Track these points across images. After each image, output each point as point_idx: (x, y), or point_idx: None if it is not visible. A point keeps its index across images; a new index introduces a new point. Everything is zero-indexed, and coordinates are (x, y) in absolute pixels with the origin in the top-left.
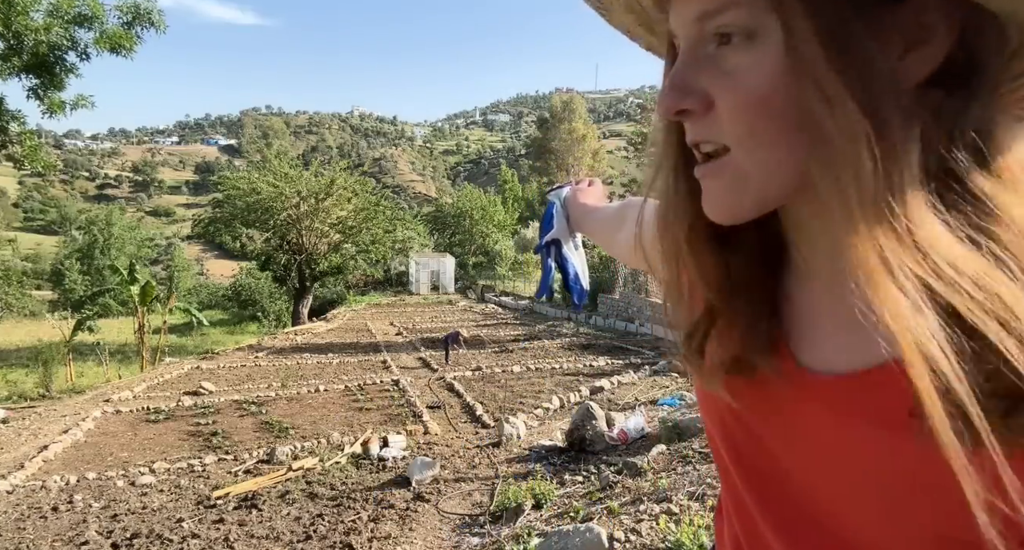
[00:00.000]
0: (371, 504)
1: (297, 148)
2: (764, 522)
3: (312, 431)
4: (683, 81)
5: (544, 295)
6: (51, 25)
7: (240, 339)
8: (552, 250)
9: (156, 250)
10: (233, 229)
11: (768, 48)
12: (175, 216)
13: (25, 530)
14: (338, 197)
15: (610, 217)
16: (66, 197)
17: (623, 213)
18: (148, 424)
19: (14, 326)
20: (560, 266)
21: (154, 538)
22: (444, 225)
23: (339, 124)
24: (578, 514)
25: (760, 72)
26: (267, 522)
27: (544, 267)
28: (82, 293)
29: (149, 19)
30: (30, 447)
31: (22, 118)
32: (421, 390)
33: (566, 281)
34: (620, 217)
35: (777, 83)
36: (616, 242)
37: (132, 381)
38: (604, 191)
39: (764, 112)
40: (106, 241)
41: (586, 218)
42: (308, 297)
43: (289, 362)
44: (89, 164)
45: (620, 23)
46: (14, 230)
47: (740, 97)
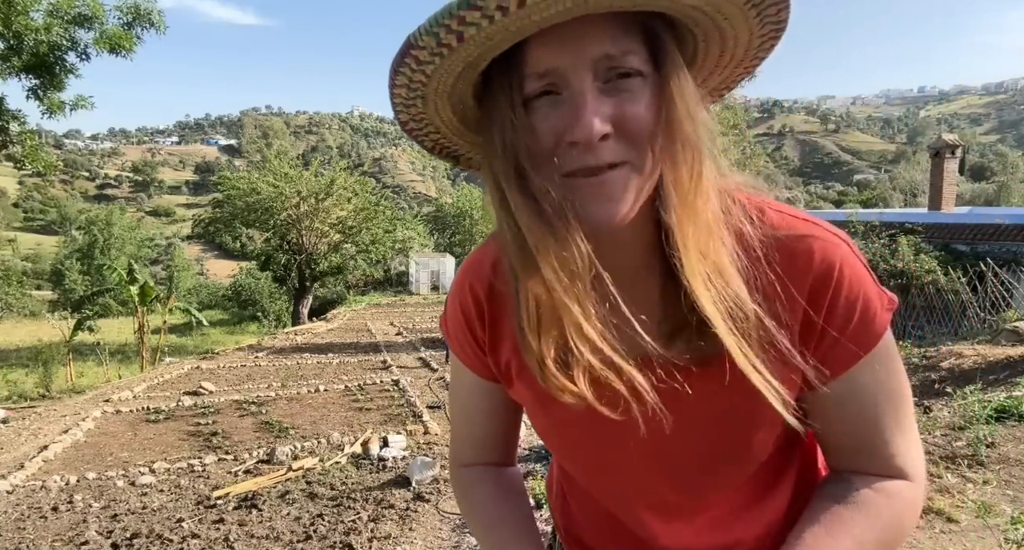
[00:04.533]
0: (371, 504)
1: (297, 148)
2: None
3: (312, 431)
4: (599, 111)
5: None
6: (51, 25)
7: (240, 339)
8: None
9: (156, 250)
10: (233, 229)
11: (651, 84)
12: (175, 216)
13: (25, 530)
14: (338, 197)
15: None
16: (66, 197)
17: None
18: (148, 424)
19: (14, 326)
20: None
21: (154, 538)
22: (444, 225)
23: (339, 124)
24: None
25: (650, 99)
26: (267, 522)
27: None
28: (82, 293)
29: (149, 19)
30: (30, 447)
31: (22, 118)
32: (421, 390)
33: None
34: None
35: (657, 108)
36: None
37: (132, 381)
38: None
39: (653, 129)
40: (106, 241)
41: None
42: (308, 297)
43: (289, 362)
44: (89, 164)
45: (429, 82)
46: (14, 230)
47: (644, 120)
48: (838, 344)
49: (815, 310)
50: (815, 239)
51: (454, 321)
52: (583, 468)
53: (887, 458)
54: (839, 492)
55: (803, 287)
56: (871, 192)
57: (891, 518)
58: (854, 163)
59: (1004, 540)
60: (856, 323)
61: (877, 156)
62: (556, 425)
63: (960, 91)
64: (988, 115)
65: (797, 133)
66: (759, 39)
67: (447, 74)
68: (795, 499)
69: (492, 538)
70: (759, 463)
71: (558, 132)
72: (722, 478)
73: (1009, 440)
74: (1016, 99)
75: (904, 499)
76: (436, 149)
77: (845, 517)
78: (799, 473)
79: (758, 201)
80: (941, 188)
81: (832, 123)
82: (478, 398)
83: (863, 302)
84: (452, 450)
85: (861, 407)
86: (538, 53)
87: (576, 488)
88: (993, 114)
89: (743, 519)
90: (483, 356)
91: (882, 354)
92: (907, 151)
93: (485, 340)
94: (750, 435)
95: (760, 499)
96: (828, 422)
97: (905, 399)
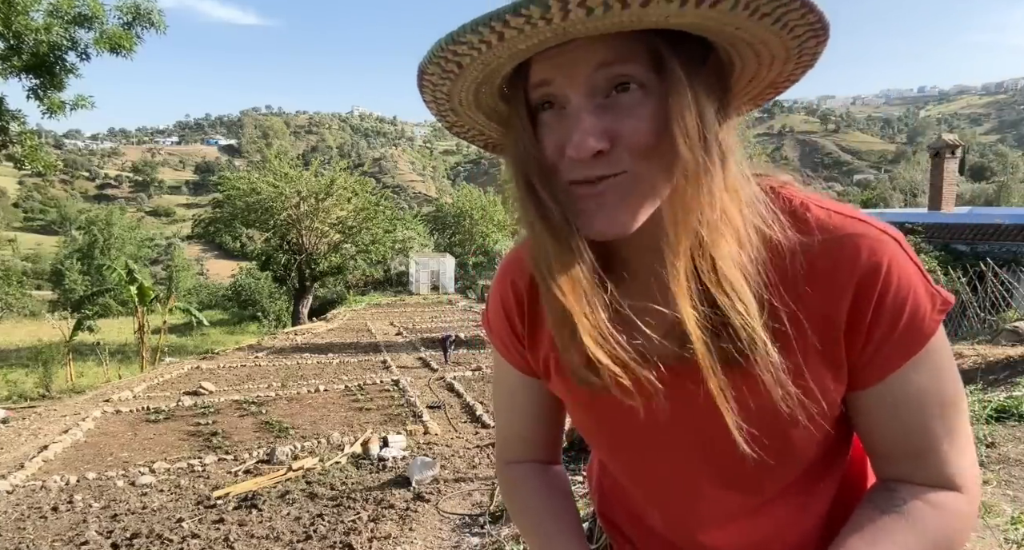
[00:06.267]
0: (371, 504)
1: (297, 148)
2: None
3: (312, 431)
4: (595, 128)
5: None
6: (51, 25)
7: (240, 339)
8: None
9: (156, 250)
10: (233, 229)
11: (653, 97)
12: (175, 216)
13: (25, 530)
14: (338, 197)
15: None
16: (66, 197)
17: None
18: (148, 424)
19: (14, 326)
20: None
21: (154, 538)
22: (444, 225)
23: (339, 124)
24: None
25: (651, 113)
26: (267, 522)
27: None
28: (82, 293)
29: (149, 19)
30: (30, 447)
31: (22, 118)
32: (421, 390)
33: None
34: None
35: (661, 120)
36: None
37: (132, 381)
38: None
39: (656, 142)
40: (106, 241)
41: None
42: (308, 297)
43: (289, 362)
44: (89, 164)
45: (452, 95)
46: (14, 230)
47: (643, 133)
48: (884, 345)
49: (861, 310)
50: (862, 237)
51: (496, 316)
52: (620, 462)
53: (936, 467)
54: (884, 501)
55: (848, 286)
56: (871, 192)
57: (938, 531)
58: (854, 163)
59: (1004, 540)
60: (904, 325)
61: (877, 156)
62: (594, 421)
63: (960, 91)
64: (988, 115)
65: (797, 133)
66: (793, 41)
67: (465, 91)
68: (836, 506)
69: (539, 534)
70: (801, 466)
71: (560, 144)
72: (760, 479)
73: (1009, 440)
74: (1016, 99)
75: (953, 511)
76: (489, 147)
77: (888, 526)
78: (845, 482)
79: (803, 199)
80: (941, 188)
81: (832, 123)
82: (521, 395)
83: (912, 303)
84: (498, 447)
85: (908, 412)
86: (537, 69)
87: (613, 478)
88: (993, 114)
89: (781, 522)
90: (523, 351)
91: (932, 357)
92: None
93: (524, 335)
94: (786, 434)
95: (801, 505)
96: (874, 426)
97: (957, 406)
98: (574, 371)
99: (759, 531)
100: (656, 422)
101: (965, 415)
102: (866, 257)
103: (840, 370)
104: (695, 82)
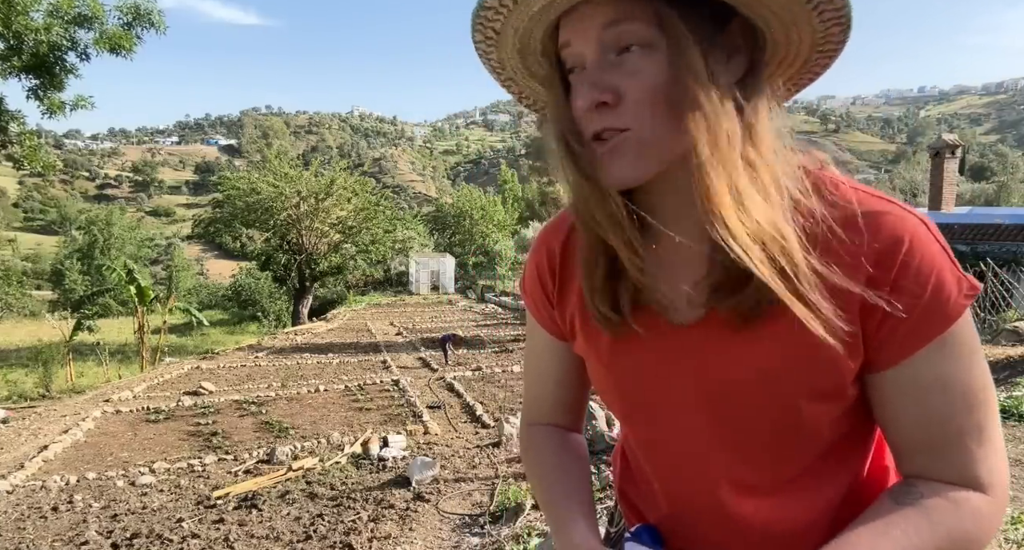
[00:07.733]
0: (371, 504)
1: (297, 148)
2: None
3: (312, 431)
4: (599, 81)
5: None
6: (51, 25)
7: (240, 339)
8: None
9: (156, 250)
10: (233, 229)
11: (659, 55)
12: (175, 216)
13: (25, 530)
14: (338, 197)
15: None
16: (66, 197)
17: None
18: (148, 424)
19: (14, 326)
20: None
21: (154, 538)
22: (444, 225)
23: (339, 124)
24: None
25: (656, 71)
26: (267, 522)
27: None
28: (82, 293)
29: (149, 20)
30: (30, 447)
31: (22, 118)
32: (421, 390)
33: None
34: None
35: (667, 78)
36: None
37: (132, 381)
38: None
39: (661, 98)
40: (106, 241)
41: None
42: (308, 297)
43: (289, 362)
44: (89, 164)
45: (504, 64)
46: (14, 230)
47: (645, 90)
48: (903, 323)
49: (880, 282)
50: (886, 214)
51: (530, 277)
52: (635, 429)
53: (959, 464)
54: (901, 494)
55: (869, 257)
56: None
57: (954, 527)
58: (854, 163)
59: (1004, 540)
60: (926, 303)
61: (877, 156)
62: (612, 381)
63: (960, 91)
64: (988, 115)
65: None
66: (821, 23)
67: (511, 59)
68: (851, 503)
69: (547, 493)
70: (815, 446)
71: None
72: (770, 457)
73: (1009, 440)
74: (1016, 99)
75: (973, 510)
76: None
77: (901, 517)
78: (862, 482)
79: (833, 177)
80: (941, 188)
81: (832, 123)
82: (548, 358)
83: (936, 282)
84: (524, 409)
85: (929, 399)
86: (562, 34)
87: (634, 454)
88: (993, 114)
89: (789, 509)
90: (552, 311)
91: (956, 343)
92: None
93: (554, 293)
94: (801, 405)
95: (812, 494)
96: (895, 414)
97: (984, 400)
98: (598, 309)
99: (765, 515)
100: (670, 383)
101: (995, 413)
102: (889, 230)
103: (855, 346)
104: (703, 41)
